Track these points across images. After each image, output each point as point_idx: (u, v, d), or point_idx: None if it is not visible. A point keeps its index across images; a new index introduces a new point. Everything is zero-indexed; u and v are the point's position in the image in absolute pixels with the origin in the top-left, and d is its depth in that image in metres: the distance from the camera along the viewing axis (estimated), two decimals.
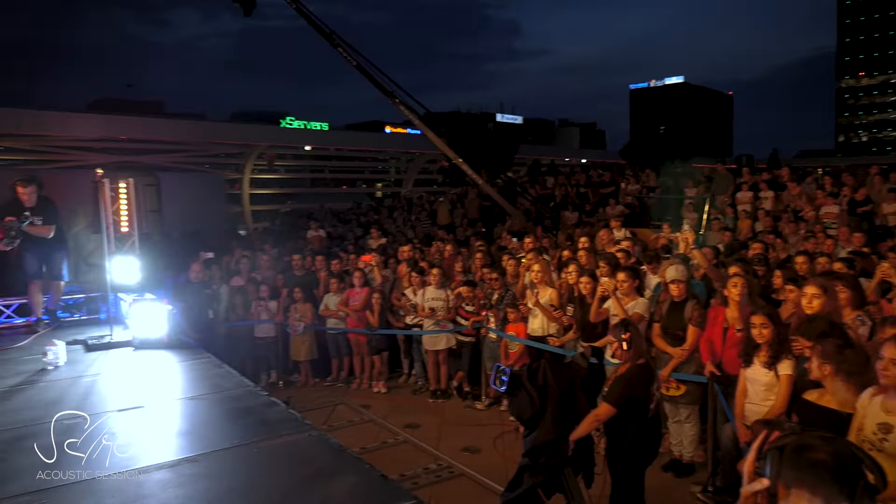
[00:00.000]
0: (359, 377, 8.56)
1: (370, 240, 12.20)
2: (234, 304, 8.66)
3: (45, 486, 3.20)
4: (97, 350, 6.09)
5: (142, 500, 3.05)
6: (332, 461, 3.53)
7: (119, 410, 4.36)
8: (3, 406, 4.50)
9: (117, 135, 23.06)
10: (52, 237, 6.73)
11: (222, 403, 4.51)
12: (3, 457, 3.58)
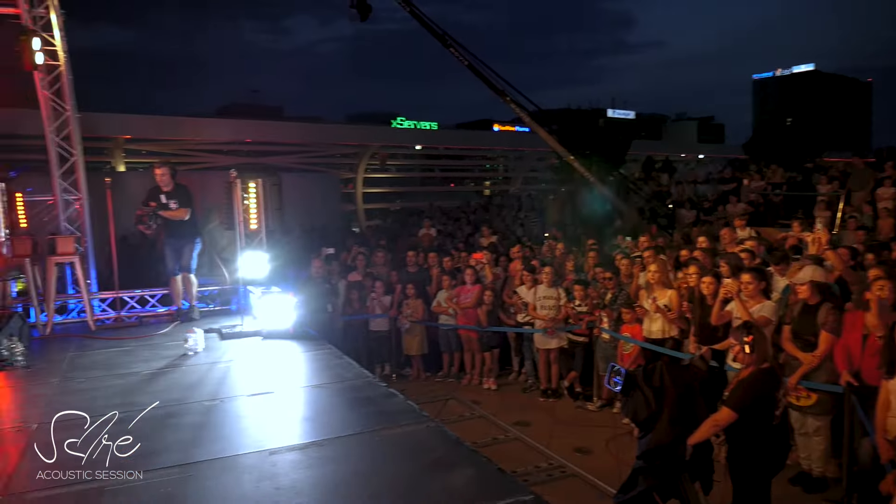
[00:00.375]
0: (469, 373, 8.66)
1: (481, 238, 12.31)
2: (351, 298, 9.01)
3: (190, 459, 3.50)
4: (230, 338, 6.56)
5: (275, 478, 3.26)
6: (449, 452, 3.62)
7: (251, 395, 4.69)
8: (153, 386, 4.96)
9: (244, 138, 24.65)
10: (186, 232, 7.24)
11: (344, 393, 4.73)
12: (154, 433, 3.93)
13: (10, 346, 5.71)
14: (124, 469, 3.33)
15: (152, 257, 7.90)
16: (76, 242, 7.34)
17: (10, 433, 4.01)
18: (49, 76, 7.20)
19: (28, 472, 3.40)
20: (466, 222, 17.24)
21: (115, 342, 6.60)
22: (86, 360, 5.89)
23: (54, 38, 7.01)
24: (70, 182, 7.78)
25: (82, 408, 4.42)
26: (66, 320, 7.77)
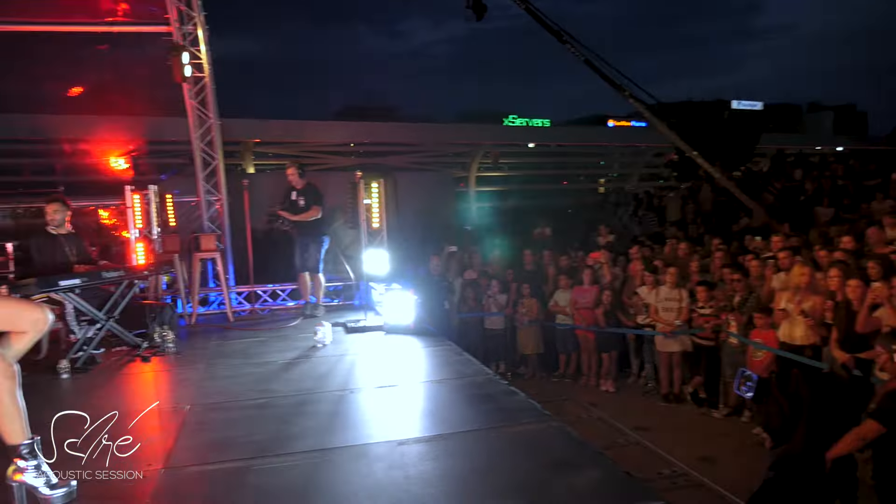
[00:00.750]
0: (586, 374, 8.55)
1: (597, 236, 12.07)
2: (467, 296, 9.15)
3: (325, 445, 3.71)
4: (355, 332, 6.85)
5: (404, 467, 3.39)
6: (573, 453, 3.60)
7: (377, 387, 4.89)
8: (287, 375, 5.29)
9: (362, 139, 25.59)
10: (313, 230, 7.58)
11: (465, 389, 4.82)
12: (291, 419, 4.20)
13: (163, 333, 6.29)
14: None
15: (285, 254, 8.37)
16: (217, 240, 7.95)
17: (168, 413, 4.41)
18: (195, 87, 7.84)
19: (185, 448, 3.73)
20: (581, 221, 16.94)
21: (251, 333, 7.09)
22: (226, 348, 6.38)
23: (201, 52, 7.62)
24: (212, 184, 8.43)
25: (225, 392, 4.83)
26: (207, 311, 8.44)
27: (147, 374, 5.55)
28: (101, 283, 5.89)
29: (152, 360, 5.89)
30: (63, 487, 3.06)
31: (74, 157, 8.90)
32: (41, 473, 3.01)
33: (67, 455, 3.63)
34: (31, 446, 2.98)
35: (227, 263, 8.37)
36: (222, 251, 8.02)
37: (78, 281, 5.61)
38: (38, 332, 3.13)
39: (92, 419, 4.35)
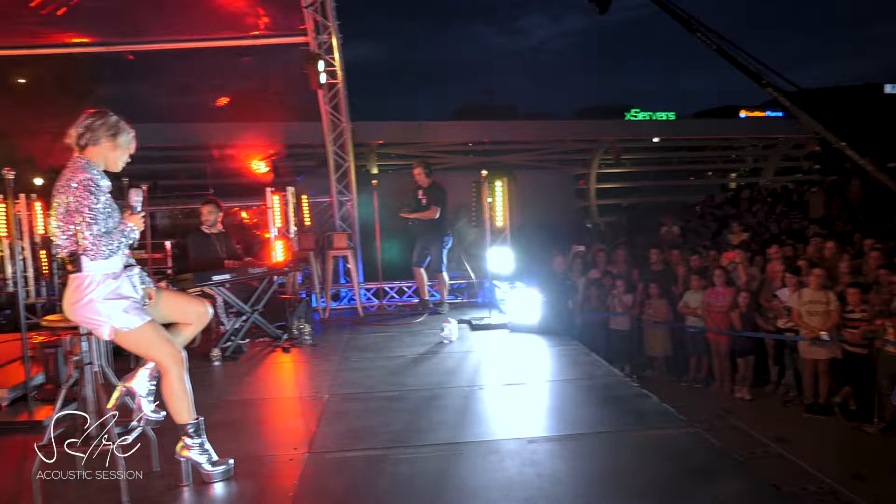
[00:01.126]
0: (718, 380, 8.14)
1: (730, 235, 11.46)
2: (591, 296, 8.99)
3: (457, 439, 3.80)
4: (479, 329, 6.94)
5: (536, 465, 3.40)
6: (713, 462, 3.46)
7: (505, 385, 4.93)
8: (416, 370, 5.46)
9: (482, 138, 25.77)
10: (434, 230, 7.71)
11: (594, 390, 4.75)
12: (422, 412, 4.33)
13: (300, 326, 6.68)
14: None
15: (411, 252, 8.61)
16: (348, 238, 8.32)
17: (309, 401, 4.69)
18: (329, 93, 8.25)
19: (326, 434, 3.96)
20: (712, 218, 16.13)
21: (381, 328, 7.37)
22: (359, 342, 6.67)
23: (334, 60, 8.01)
24: (343, 185, 8.84)
25: (360, 384, 5.05)
26: (338, 306, 8.86)
27: (287, 364, 5.92)
28: (247, 278, 6.36)
29: (291, 351, 6.28)
30: (222, 465, 3.34)
31: (222, 162, 9.69)
32: (204, 451, 3.30)
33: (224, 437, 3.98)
34: (197, 426, 3.28)
35: (357, 261, 8.74)
36: (353, 249, 8.38)
37: (228, 276, 6.10)
38: (201, 324, 3.45)
39: (245, 404, 4.74)
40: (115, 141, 3.11)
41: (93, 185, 2.97)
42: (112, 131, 3.09)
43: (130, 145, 3.20)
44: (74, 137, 3.09)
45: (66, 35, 8.24)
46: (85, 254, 2.99)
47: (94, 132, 3.06)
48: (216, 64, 8.81)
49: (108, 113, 3.13)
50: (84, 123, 3.07)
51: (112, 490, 3.19)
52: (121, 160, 3.18)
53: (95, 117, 3.09)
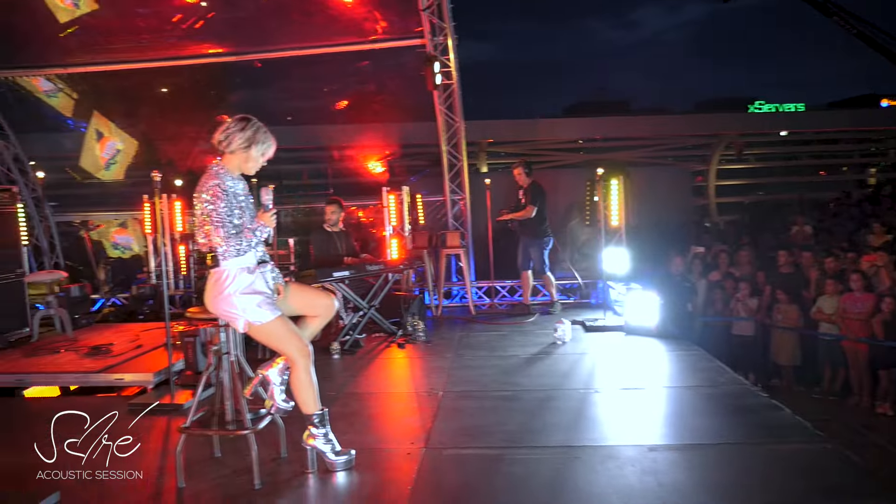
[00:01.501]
0: (857, 393, 7.50)
1: (870, 236, 10.52)
2: (712, 299, 8.56)
3: (573, 443, 3.74)
4: (593, 331, 6.80)
5: (657, 474, 3.29)
6: (851, 480, 3.21)
7: (622, 389, 4.80)
8: (529, 370, 5.43)
9: (593, 135, 25.21)
10: (532, 230, 7.60)
11: (718, 398, 4.53)
12: (537, 413, 4.31)
13: (414, 323, 6.83)
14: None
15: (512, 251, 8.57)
16: (461, 237, 8.41)
17: (425, 397, 4.79)
18: (444, 94, 8.37)
19: (442, 431, 4.02)
20: (848, 217, 14.89)
21: (493, 326, 7.40)
22: (471, 340, 6.73)
23: (450, 61, 8.12)
24: (456, 184, 8.94)
25: (474, 382, 5.09)
26: (450, 304, 8.98)
27: (402, 360, 6.08)
28: (365, 275, 6.59)
29: (406, 347, 6.43)
30: (345, 455, 3.48)
31: (341, 163, 10.10)
32: (328, 441, 3.46)
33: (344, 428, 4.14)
34: (322, 416, 3.43)
35: (469, 259, 8.82)
36: (465, 247, 8.46)
37: (348, 273, 6.34)
38: (327, 317, 3.60)
39: (362, 397, 4.91)
40: (248, 152, 3.29)
41: (220, 191, 3.17)
42: (245, 143, 3.27)
43: (265, 154, 3.35)
44: (216, 143, 3.32)
45: (202, 46, 8.87)
46: (218, 253, 3.22)
47: (230, 141, 3.27)
48: (336, 69, 9.17)
49: (248, 123, 3.30)
50: (225, 131, 3.28)
51: (245, 473, 3.41)
52: (253, 167, 3.36)
53: (235, 126, 3.28)
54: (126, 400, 5.03)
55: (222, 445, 3.81)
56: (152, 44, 8.72)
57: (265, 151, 3.35)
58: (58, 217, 10.28)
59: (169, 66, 8.92)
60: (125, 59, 8.92)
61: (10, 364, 5.73)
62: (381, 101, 9.53)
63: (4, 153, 9.60)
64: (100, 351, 5.93)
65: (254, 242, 3.24)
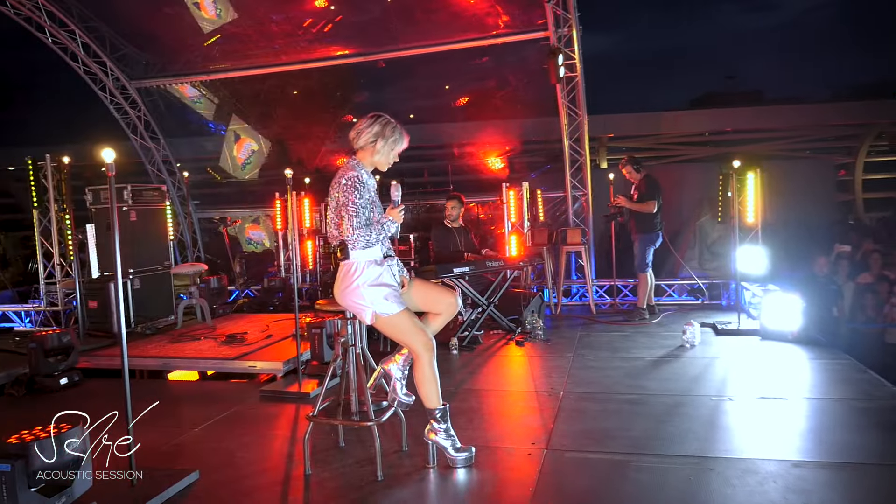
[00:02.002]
0: None
1: None
2: (862, 303, 7.78)
3: (707, 453, 3.50)
4: (725, 335, 6.38)
5: (804, 493, 3.00)
6: None
7: (760, 398, 4.44)
8: (656, 373, 5.17)
9: (721, 127, 23.82)
10: (639, 226, 7.16)
11: (874, 413, 4.08)
12: (666, 419, 4.07)
13: (533, 321, 6.72)
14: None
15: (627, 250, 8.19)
16: (582, 234, 8.18)
17: (545, 396, 4.68)
18: (567, 87, 8.17)
19: (564, 433, 3.90)
20: None
21: (615, 326, 7.13)
22: (592, 340, 6.52)
23: (573, 53, 7.92)
24: (577, 179, 8.71)
25: (597, 383, 4.91)
26: (570, 303, 8.77)
27: (521, 358, 5.98)
28: (484, 271, 6.56)
29: (524, 345, 6.34)
30: (465, 452, 3.45)
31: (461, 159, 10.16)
32: (449, 436, 3.44)
33: (464, 424, 4.12)
34: (444, 411, 3.43)
35: (590, 257, 8.57)
36: (586, 244, 8.23)
37: (467, 269, 6.34)
38: (450, 314, 3.58)
39: (481, 394, 4.88)
40: (374, 146, 3.34)
41: (358, 182, 3.24)
42: (373, 138, 3.33)
43: (393, 149, 3.39)
44: (351, 140, 3.40)
45: (330, 49, 9.22)
46: (348, 243, 3.29)
47: (361, 137, 3.34)
48: (457, 66, 9.21)
49: (377, 119, 3.36)
50: (358, 129, 3.36)
51: (368, 463, 3.47)
52: (384, 162, 3.41)
53: (366, 123, 3.36)
54: (257, 387, 5.31)
55: (346, 435, 3.91)
56: (285, 48, 9.18)
57: (394, 147, 3.39)
58: (200, 214, 11.09)
59: (300, 69, 9.34)
60: (260, 65, 9.46)
61: (158, 349, 6.22)
62: (501, 97, 9.47)
63: (155, 155, 10.49)
64: (235, 339, 6.31)
65: (382, 236, 3.29)
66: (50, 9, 8.75)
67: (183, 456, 3.88)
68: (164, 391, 5.68)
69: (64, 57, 9.35)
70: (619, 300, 8.45)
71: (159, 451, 3.94)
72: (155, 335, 6.98)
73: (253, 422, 4.49)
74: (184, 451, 3.97)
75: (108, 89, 9.80)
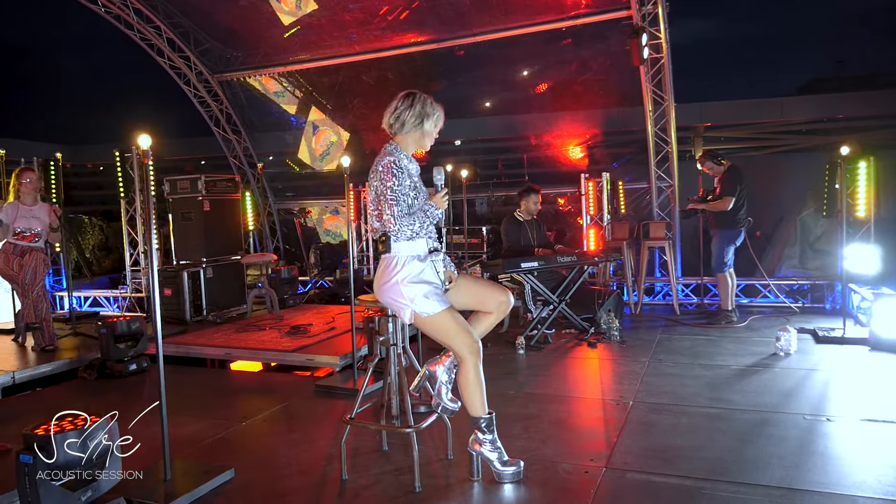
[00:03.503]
0: None
1: None
2: None
3: (795, 484, 3.01)
4: (827, 343, 5.70)
5: None
6: None
7: (864, 420, 3.84)
8: (742, 385, 4.62)
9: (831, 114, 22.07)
10: (717, 222, 6.53)
11: None
12: (749, 440, 3.58)
13: (609, 320, 6.26)
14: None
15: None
16: (666, 228, 7.60)
17: (612, 405, 4.27)
18: (652, 70, 7.60)
19: (627, 449, 3.50)
20: None
21: (700, 329, 6.55)
22: (673, 343, 6.00)
23: (660, 32, 7.34)
24: (663, 170, 8.11)
25: (672, 393, 4.44)
26: (651, 301, 8.21)
27: (592, 360, 5.56)
28: (555, 266, 6.16)
29: (597, 347, 5.91)
30: (512, 466, 3.13)
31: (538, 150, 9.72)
32: (495, 448, 3.13)
33: (519, 432, 3.79)
34: (490, 420, 3.12)
35: (675, 253, 7.97)
36: (671, 240, 7.63)
37: (536, 264, 5.97)
38: (501, 314, 3.26)
39: (543, 399, 4.52)
40: (421, 128, 3.13)
41: (395, 167, 2.99)
42: (418, 120, 3.11)
43: (437, 126, 3.20)
44: (387, 125, 3.17)
45: (405, 36, 9.03)
46: (390, 234, 3.04)
47: (402, 122, 3.11)
48: (534, 51, 8.77)
49: (415, 98, 3.14)
50: (394, 113, 3.13)
51: (408, 472, 3.22)
52: (429, 142, 3.20)
53: (402, 105, 3.13)
54: (316, 380, 5.18)
55: (389, 439, 3.67)
56: (358, 38, 9.07)
57: (437, 122, 3.18)
58: (279, 205, 11.24)
59: (373, 58, 9.22)
60: (335, 55, 9.41)
61: (223, 338, 6.24)
62: (582, 83, 8.95)
63: (237, 147, 10.69)
64: (298, 331, 6.24)
65: (426, 224, 3.02)
66: (137, 6, 9.03)
67: (225, 451, 3.76)
68: (226, 381, 5.69)
69: (150, 52, 9.66)
70: (708, 300, 7.80)
71: (202, 445, 3.85)
72: (224, 324, 7.05)
73: (301, 418, 4.34)
74: (227, 445, 3.87)
75: (191, 83, 10.06)
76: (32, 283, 5.91)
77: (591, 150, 9.29)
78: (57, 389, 5.39)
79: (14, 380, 5.31)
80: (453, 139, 11.69)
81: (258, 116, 10.68)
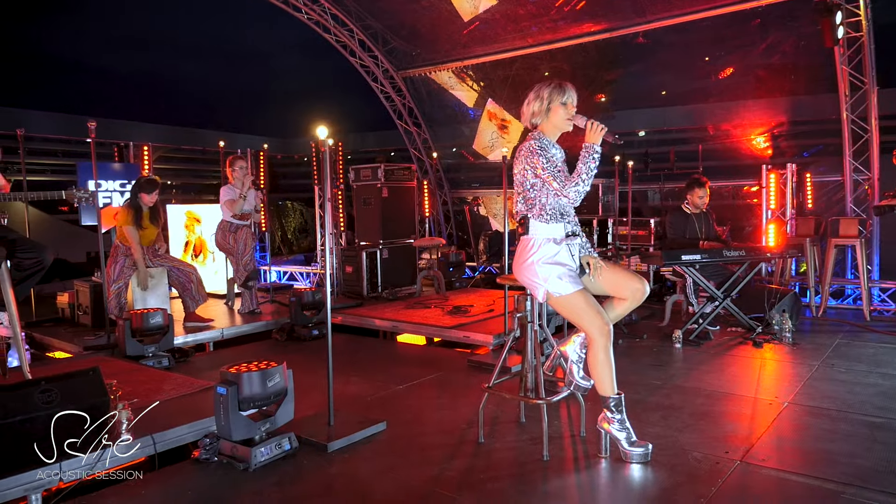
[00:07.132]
0: None
1: None
2: None
3: None
4: None
5: None
6: None
7: None
8: None
9: None
10: None
11: None
12: None
13: (781, 321, 5.89)
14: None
15: None
16: (860, 225, 6.90)
17: (764, 404, 4.10)
18: (848, 51, 6.92)
19: (769, 444, 3.39)
20: None
21: (890, 338, 5.92)
22: (852, 350, 5.50)
23: (858, 8, 6.67)
24: (861, 161, 7.35)
25: (835, 398, 4.15)
26: (839, 305, 7.51)
27: (754, 360, 5.29)
28: (719, 261, 5.92)
29: (763, 347, 5.60)
30: (640, 447, 3.21)
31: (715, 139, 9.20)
32: (624, 428, 3.23)
33: (656, 420, 3.82)
34: (618, 401, 3.22)
35: (872, 253, 7.21)
36: (865, 238, 6.92)
37: (698, 257, 5.78)
38: (636, 301, 3.31)
39: (689, 392, 4.45)
40: (556, 108, 3.23)
41: (537, 147, 3.17)
42: (545, 105, 3.25)
43: (566, 104, 3.23)
44: (529, 123, 3.36)
45: (580, 26, 9.05)
46: (530, 217, 3.23)
47: (534, 112, 3.29)
48: (715, 36, 8.33)
49: (541, 87, 3.28)
50: (530, 105, 3.31)
51: (540, 442, 3.41)
52: (569, 122, 3.24)
53: (534, 95, 3.29)
54: (471, 356, 5.53)
55: (527, 412, 3.89)
56: (530, 30, 9.25)
57: (566, 101, 3.24)
58: (453, 194, 11.82)
59: (547, 49, 9.36)
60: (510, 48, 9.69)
61: (393, 312, 6.83)
62: (766, 68, 8.35)
63: (416, 138, 11.42)
64: (459, 310, 6.64)
65: (591, 173, 3.08)
66: (333, 11, 10.01)
67: (381, 407, 4.23)
68: (393, 350, 6.25)
69: (344, 53, 10.65)
70: None
71: (364, 401, 4.36)
72: (395, 301, 7.68)
73: (451, 387, 4.71)
74: (384, 403, 4.33)
75: (378, 80, 10.92)
76: (243, 254, 6.93)
77: (776, 139, 8.64)
78: (254, 346, 6.32)
79: (223, 335, 6.31)
80: (635, 129, 11.42)
81: (437, 109, 11.31)
